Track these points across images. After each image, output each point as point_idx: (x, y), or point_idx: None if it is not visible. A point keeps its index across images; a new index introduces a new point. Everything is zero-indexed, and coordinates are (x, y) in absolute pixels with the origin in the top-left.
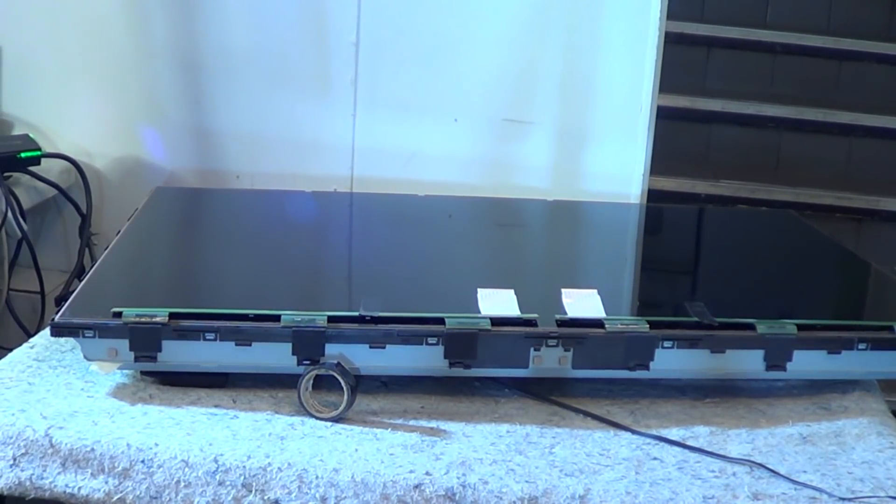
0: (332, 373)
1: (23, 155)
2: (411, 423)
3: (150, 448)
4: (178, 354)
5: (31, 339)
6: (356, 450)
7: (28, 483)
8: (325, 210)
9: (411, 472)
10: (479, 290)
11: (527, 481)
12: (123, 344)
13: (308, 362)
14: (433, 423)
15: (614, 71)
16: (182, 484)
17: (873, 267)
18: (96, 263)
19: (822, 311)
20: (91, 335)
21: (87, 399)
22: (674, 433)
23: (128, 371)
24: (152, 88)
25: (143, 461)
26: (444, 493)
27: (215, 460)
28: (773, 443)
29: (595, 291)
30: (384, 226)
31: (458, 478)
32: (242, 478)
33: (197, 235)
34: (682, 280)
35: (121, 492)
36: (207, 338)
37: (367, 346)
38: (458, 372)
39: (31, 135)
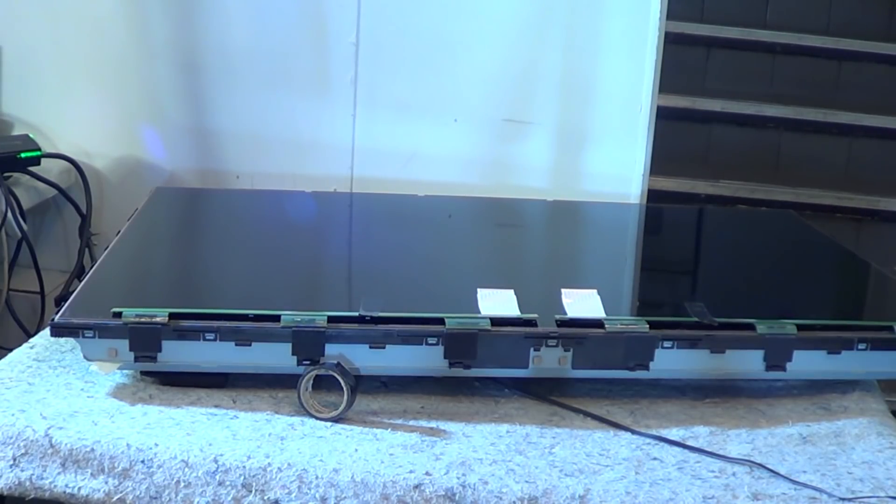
0: (332, 373)
1: (23, 155)
2: (411, 423)
3: (150, 448)
4: (178, 354)
5: (31, 339)
6: (356, 450)
7: (28, 483)
8: (325, 210)
9: (411, 472)
10: (479, 290)
11: (527, 481)
12: (123, 344)
13: (308, 362)
14: (433, 423)
15: (614, 71)
16: (182, 484)
17: (873, 267)
18: (96, 263)
19: (822, 311)
20: (91, 335)
21: (87, 399)
22: (674, 433)
23: (128, 371)
24: (152, 88)
25: (143, 461)
26: (444, 493)
27: (215, 460)
28: (773, 443)
29: (595, 291)
30: (384, 226)
31: (458, 478)
32: (242, 478)
33: (197, 235)
34: (682, 280)
35: (121, 492)
36: (207, 338)
37: (367, 346)
38: (458, 372)
39: (31, 135)
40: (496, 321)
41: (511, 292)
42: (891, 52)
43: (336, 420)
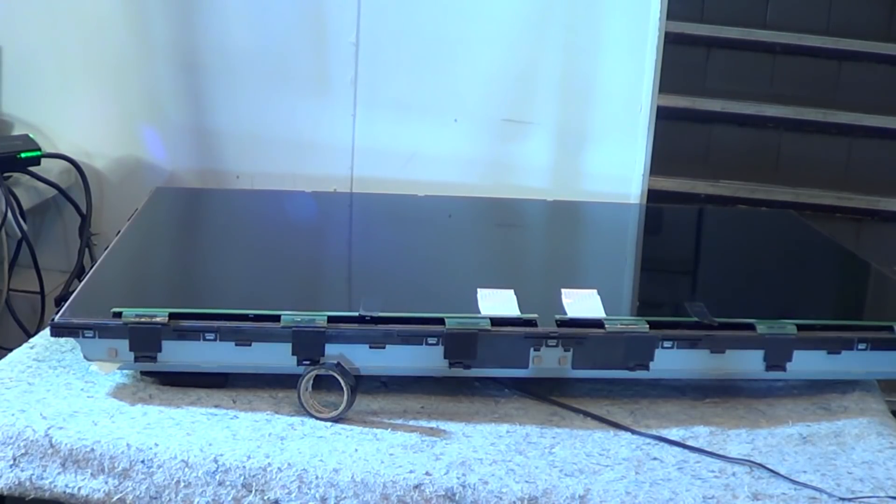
0: (332, 373)
1: (23, 155)
2: (411, 423)
3: (150, 448)
4: (178, 354)
5: (31, 340)
6: (356, 450)
7: (28, 483)
8: (325, 210)
9: (411, 472)
10: (479, 290)
11: (527, 481)
12: (123, 344)
13: (308, 362)
14: (433, 423)
15: (614, 71)
16: (182, 484)
17: (873, 267)
18: (96, 263)
19: (822, 311)
20: (91, 335)
21: (87, 399)
22: (674, 433)
23: (128, 371)
24: (152, 88)
25: (143, 461)
26: (444, 493)
27: (215, 460)
28: (773, 443)
29: (595, 291)
30: (384, 226)
31: (458, 478)
32: (242, 478)
33: (197, 235)
34: (682, 280)
35: (121, 492)
36: (207, 338)
37: (367, 346)
38: (458, 372)
39: (31, 135)
40: (496, 321)
41: (511, 292)
42: (891, 52)
43: (336, 420)
